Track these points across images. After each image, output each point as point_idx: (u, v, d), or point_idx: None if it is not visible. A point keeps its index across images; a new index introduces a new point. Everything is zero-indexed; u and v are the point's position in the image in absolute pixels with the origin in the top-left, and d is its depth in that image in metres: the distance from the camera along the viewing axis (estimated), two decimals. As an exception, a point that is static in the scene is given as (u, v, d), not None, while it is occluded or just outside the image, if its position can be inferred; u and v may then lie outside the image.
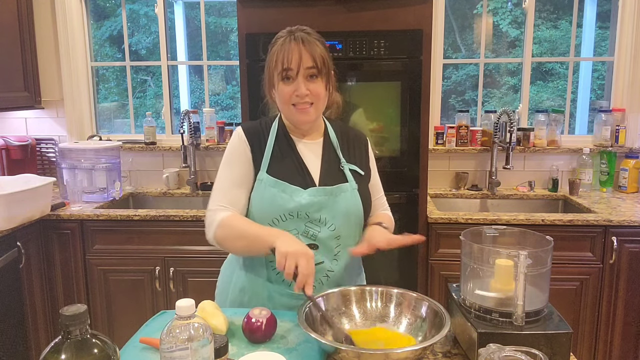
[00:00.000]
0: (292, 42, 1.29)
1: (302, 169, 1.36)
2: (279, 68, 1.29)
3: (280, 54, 1.29)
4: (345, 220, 1.35)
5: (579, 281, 2.43)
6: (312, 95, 1.30)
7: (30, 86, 2.96)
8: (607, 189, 2.96)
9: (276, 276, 1.36)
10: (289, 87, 1.30)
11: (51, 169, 3.18)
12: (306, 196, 1.32)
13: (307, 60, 1.28)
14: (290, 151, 1.38)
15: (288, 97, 1.31)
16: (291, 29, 1.34)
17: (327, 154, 1.41)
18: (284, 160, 1.37)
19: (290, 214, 1.32)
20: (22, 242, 2.41)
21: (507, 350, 0.90)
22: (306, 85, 1.29)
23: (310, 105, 1.32)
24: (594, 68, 3.39)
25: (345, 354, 1.00)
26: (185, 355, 0.86)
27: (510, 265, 1.08)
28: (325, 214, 1.33)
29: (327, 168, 1.38)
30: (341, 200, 1.34)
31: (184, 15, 3.50)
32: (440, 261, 2.50)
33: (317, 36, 1.34)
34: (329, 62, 1.33)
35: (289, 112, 1.34)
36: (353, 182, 1.38)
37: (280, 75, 1.30)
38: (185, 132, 3.02)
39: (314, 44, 1.30)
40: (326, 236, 1.33)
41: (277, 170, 1.35)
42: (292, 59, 1.28)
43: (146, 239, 2.58)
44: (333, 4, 2.36)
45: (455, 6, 3.48)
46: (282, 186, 1.33)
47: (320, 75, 1.31)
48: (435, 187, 3.06)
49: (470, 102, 5.01)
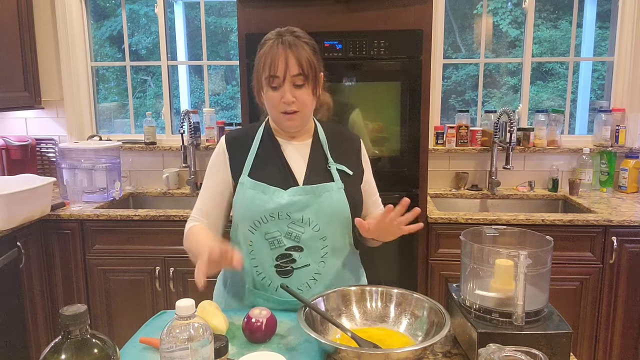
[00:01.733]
0: (279, 47, 1.28)
1: (285, 170, 1.36)
2: (266, 73, 1.29)
3: (268, 58, 1.28)
4: (330, 220, 1.33)
5: (579, 281, 2.43)
6: (298, 103, 1.30)
7: (30, 86, 2.96)
8: (607, 189, 2.96)
9: (261, 282, 1.35)
10: (276, 94, 1.30)
11: (51, 169, 3.18)
12: (286, 196, 1.31)
13: (293, 67, 1.27)
14: (275, 153, 1.38)
15: (276, 104, 1.31)
16: (280, 30, 1.33)
17: (314, 154, 1.40)
18: (266, 163, 1.37)
19: (271, 215, 1.31)
20: (22, 242, 2.41)
21: (507, 350, 0.90)
22: (292, 93, 1.29)
23: (297, 112, 1.32)
24: (594, 68, 3.39)
25: (345, 354, 1.00)
26: (185, 355, 0.86)
27: (510, 265, 1.08)
28: (308, 214, 1.31)
29: (312, 168, 1.37)
30: (325, 200, 1.32)
31: (184, 15, 3.50)
32: (440, 261, 2.50)
33: (307, 38, 1.33)
34: (316, 66, 1.32)
35: (276, 117, 1.35)
36: (339, 181, 1.36)
37: (267, 81, 1.30)
38: (185, 132, 3.02)
39: (301, 47, 1.29)
40: (310, 237, 1.32)
41: (258, 173, 1.35)
42: (279, 66, 1.27)
43: (146, 239, 2.58)
44: (333, 4, 2.36)
45: (455, 6, 3.48)
46: (262, 187, 1.32)
47: (307, 81, 1.30)
48: (435, 187, 3.06)
49: (470, 102, 5.01)
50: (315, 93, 1.34)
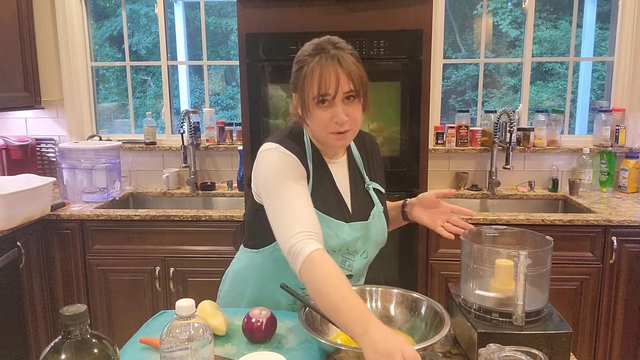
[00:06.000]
0: (328, 62, 1.17)
1: (338, 198, 1.31)
2: (315, 92, 1.18)
3: (316, 76, 1.17)
4: (376, 246, 1.36)
5: (579, 281, 2.43)
6: (350, 122, 1.20)
7: (30, 86, 2.96)
8: (607, 189, 2.96)
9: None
10: (326, 113, 1.19)
11: (51, 169, 3.18)
12: (349, 232, 1.28)
13: (345, 85, 1.17)
14: (327, 177, 1.30)
15: (326, 124, 1.20)
16: (320, 43, 1.21)
17: (352, 175, 1.36)
18: (322, 189, 1.28)
19: (333, 250, 1.26)
20: (22, 242, 2.41)
21: (507, 350, 0.90)
22: (344, 111, 1.18)
23: (348, 131, 1.22)
24: (594, 68, 3.39)
25: (345, 354, 1.00)
26: (185, 355, 0.86)
27: (510, 265, 1.08)
28: (359, 244, 1.32)
29: (355, 193, 1.34)
30: (372, 229, 1.33)
31: (184, 16, 3.51)
32: (440, 261, 2.50)
33: (350, 49, 1.24)
34: (366, 80, 1.21)
35: (326, 138, 1.24)
36: (379, 204, 1.35)
37: (315, 101, 1.19)
38: (185, 132, 3.02)
39: (350, 61, 1.19)
40: (360, 265, 1.34)
41: (319, 202, 1.24)
42: (330, 84, 1.16)
43: (146, 239, 2.58)
44: (333, 4, 2.36)
45: (455, 6, 3.48)
46: (327, 221, 1.25)
47: (359, 97, 1.20)
48: (435, 187, 3.06)
49: (470, 102, 5.01)
50: (365, 108, 1.24)
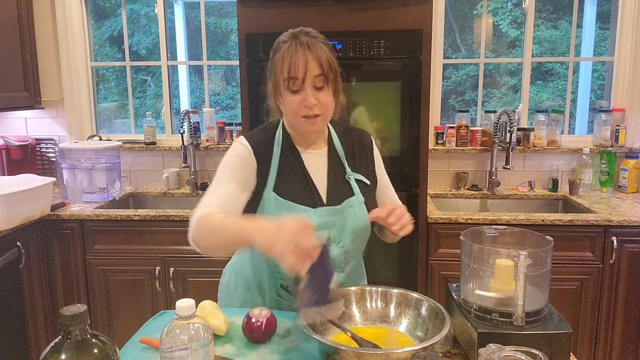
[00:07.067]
0: (297, 47, 1.22)
1: (309, 186, 1.31)
2: (285, 75, 1.22)
3: (286, 60, 1.22)
4: (353, 237, 1.33)
5: (579, 281, 2.43)
6: (320, 106, 1.24)
7: (30, 86, 2.96)
8: (607, 189, 2.96)
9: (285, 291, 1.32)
10: (296, 97, 1.23)
11: (51, 169, 3.18)
12: (315, 217, 1.26)
13: (314, 68, 1.21)
14: (297, 165, 1.32)
15: (296, 108, 1.25)
16: (294, 32, 1.26)
17: (332, 164, 1.36)
18: (290, 176, 1.31)
19: None
20: (22, 242, 2.41)
21: (507, 350, 0.90)
22: (314, 95, 1.23)
23: (318, 116, 1.25)
24: (594, 68, 3.39)
25: (345, 354, 1.00)
26: (185, 355, 0.86)
27: (510, 265, 1.08)
28: (333, 232, 1.30)
29: (333, 181, 1.34)
30: (349, 217, 1.30)
31: (184, 16, 3.50)
32: (440, 261, 2.50)
33: (323, 38, 1.27)
34: (335, 66, 1.26)
35: (296, 123, 1.29)
36: (360, 194, 1.33)
37: (286, 83, 1.23)
38: (185, 132, 3.02)
39: (320, 47, 1.23)
40: (336, 254, 1.31)
41: (283, 189, 1.29)
42: (299, 67, 1.21)
43: (146, 239, 2.58)
44: (333, 4, 2.36)
45: (455, 6, 3.47)
46: (289, 207, 1.27)
47: (328, 82, 1.24)
48: (435, 187, 3.06)
49: (470, 102, 5.00)
50: (336, 95, 1.28)
